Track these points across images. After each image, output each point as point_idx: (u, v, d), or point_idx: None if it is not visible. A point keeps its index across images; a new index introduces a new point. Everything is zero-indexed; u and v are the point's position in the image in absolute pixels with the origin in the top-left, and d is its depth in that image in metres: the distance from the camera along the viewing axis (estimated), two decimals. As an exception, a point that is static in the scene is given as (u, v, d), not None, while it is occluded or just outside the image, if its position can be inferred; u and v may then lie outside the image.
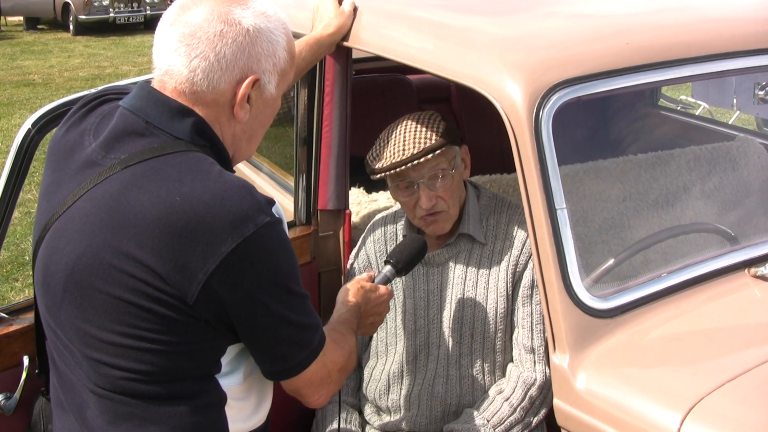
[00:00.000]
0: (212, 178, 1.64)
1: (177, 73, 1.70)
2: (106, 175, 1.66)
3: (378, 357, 2.74)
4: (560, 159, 2.15)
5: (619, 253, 2.39)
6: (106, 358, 1.66)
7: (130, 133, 1.70)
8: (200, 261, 1.58)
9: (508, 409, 2.49)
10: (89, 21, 18.97)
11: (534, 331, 2.53)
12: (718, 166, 2.93)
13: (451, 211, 2.58)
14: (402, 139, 2.50)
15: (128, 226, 1.60)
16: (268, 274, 1.66)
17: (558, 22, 2.61)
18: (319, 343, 1.81)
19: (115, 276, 1.61)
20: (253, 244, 1.61)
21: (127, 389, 1.67)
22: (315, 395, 1.88)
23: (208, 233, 1.58)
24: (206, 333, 1.67)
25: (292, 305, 1.73)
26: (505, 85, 2.18)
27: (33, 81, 13.96)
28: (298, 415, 2.88)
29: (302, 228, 3.00)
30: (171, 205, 1.59)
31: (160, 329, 1.63)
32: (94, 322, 1.65)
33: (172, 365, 1.66)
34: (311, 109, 2.94)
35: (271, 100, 1.80)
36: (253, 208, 1.62)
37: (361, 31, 2.75)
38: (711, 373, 2.00)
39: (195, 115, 1.71)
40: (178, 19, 1.71)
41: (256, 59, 1.72)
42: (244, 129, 1.80)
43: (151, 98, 1.73)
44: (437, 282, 2.63)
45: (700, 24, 2.63)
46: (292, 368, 1.79)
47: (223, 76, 1.70)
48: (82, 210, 1.67)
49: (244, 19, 1.70)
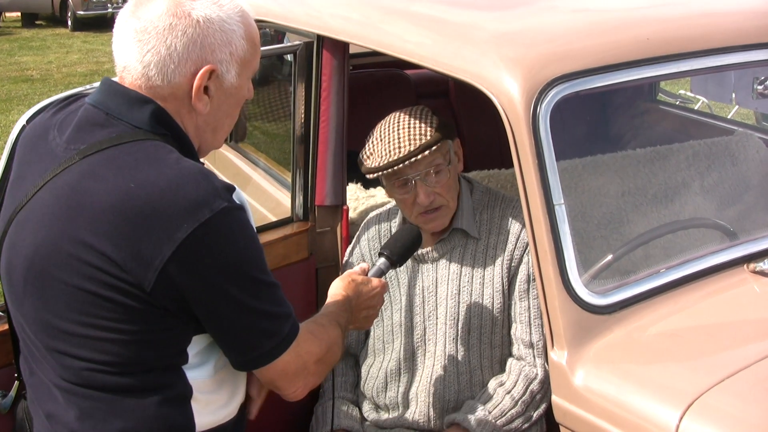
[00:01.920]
0: (168, 165, 1.65)
1: (132, 69, 1.72)
2: (65, 166, 1.68)
3: (375, 355, 2.73)
4: (558, 154, 2.15)
5: (618, 249, 2.38)
6: (68, 349, 1.66)
7: (91, 124, 1.72)
8: (156, 247, 1.58)
9: (509, 401, 2.48)
10: (87, 16, 18.94)
11: (532, 326, 2.52)
12: (717, 161, 2.92)
13: (450, 205, 2.56)
14: (397, 137, 2.48)
15: (84, 215, 1.61)
16: (227, 261, 1.64)
17: (556, 17, 2.60)
18: (289, 333, 1.78)
19: (73, 265, 1.62)
20: (210, 230, 1.60)
21: (91, 381, 1.67)
22: (291, 387, 1.85)
23: (163, 219, 1.59)
24: (166, 321, 1.66)
25: (257, 293, 1.71)
26: (503, 80, 2.18)
27: (31, 77, 13.94)
28: (296, 411, 2.88)
29: (300, 224, 2.99)
30: (126, 192, 1.60)
31: (119, 318, 1.62)
32: (55, 312, 1.66)
33: (134, 355, 1.66)
34: (308, 105, 2.93)
35: (232, 89, 1.79)
36: (209, 193, 1.62)
37: (358, 26, 2.74)
38: (710, 369, 1.99)
39: (153, 104, 1.72)
40: (132, 14, 1.73)
41: (210, 50, 1.72)
42: (206, 120, 1.80)
43: (111, 90, 1.75)
44: (432, 278, 2.62)
45: (699, 18, 2.62)
46: (260, 357, 1.76)
47: (177, 69, 1.71)
48: (41, 201, 1.69)
49: (193, 10, 1.70)
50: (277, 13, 3.15)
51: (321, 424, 2.68)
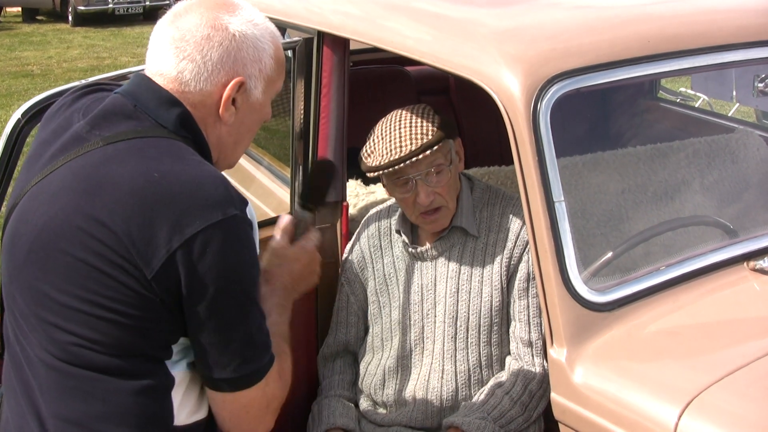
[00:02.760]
0: (191, 164, 1.70)
1: (167, 74, 1.78)
2: (89, 149, 1.71)
3: (374, 352, 2.73)
4: (559, 151, 2.14)
5: (618, 246, 2.37)
6: (60, 322, 1.67)
7: (117, 113, 1.76)
8: (166, 237, 1.61)
9: (508, 402, 2.47)
10: (88, 12, 18.91)
11: (531, 325, 2.52)
12: (718, 158, 2.92)
13: (450, 205, 2.56)
14: (398, 135, 2.47)
15: (103, 194, 1.65)
16: (227, 266, 1.66)
17: (557, 14, 2.60)
18: (265, 366, 1.76)
19: (81, 239, 1.64)
20: (218, 232, 1.63)
21: (76, 357, 1.67)
22: (247, 427, 1.80)
23: (178, 212, 1.62)
24: (161, 313, 1.66)
25: (246, 311, 1.71)
26: (503, 76, 2.17)
27: (31, 72, 13.93)
28: (293, 410, 2.87)
29: (299, 220, 2.98)
30: (148, 180, 1.64)
31: (116, 298, 1.64)
32: (54, 283, 1.67)
33: (123, 338, 1.66)
34: (308, 101, 2.92)
35: (257, 105, 1.86)
36: (225, 198, 1.67)
37: (358, 22, 2.74)
38: (709, 367, 1.99)
39: (182, 107, 1.77)
40: (170, 23, 1.80)
41: (242, 63, 1.79)
42: (230, 131, 1.85)
43: (144, 85, 1.80)
44: (431, 276, 2.62)
45: (700, 15, 2.61)
46: (230, 381, 1.73)
47: (209, 78, 1.77)
48: (60, 176, 1.72)
49: (230, 24, 1.78)
50: (278, 8, 3.15)
51: (318, 423, 2.67)
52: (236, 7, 1.82)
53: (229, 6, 1.81)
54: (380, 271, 2.72)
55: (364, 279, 2.76)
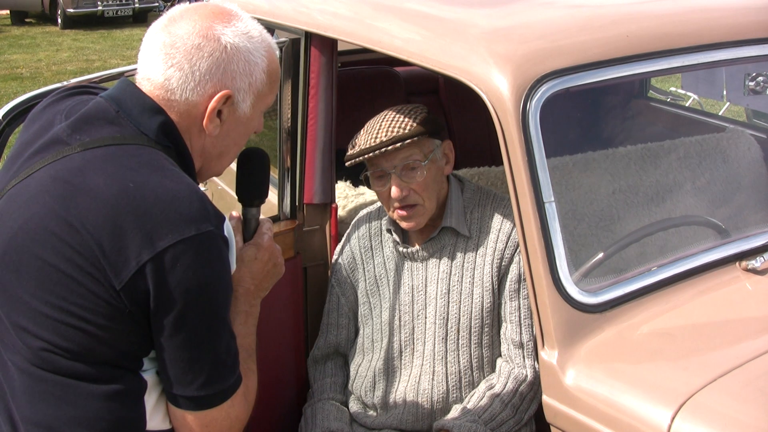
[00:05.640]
0: (169, 176, 1.67)
1: (154, 80, 1.76)
2: (67, 153, 1.70)
3: (364, 353, 2.71)
4: (548, 151, 2.13)
5: (609, 247, 2.36)
6: (30, 326, 1.66)
7: (99, 118, 1.74)
8: (137, 249, 1.60)
9: (499, 405, 2.46)
10: (77, 14, 18.86)
11: (522, 326, 2.50)
12: (709, 158, 2.91)
13: (427, 205, 2.54)
14: (377, 127, 2.50)
15: (78, 201, 1.63)
16: (198, 282, 1.63)
17: (547, 13, 2.59)
18: (231, 387, 1.73)
19: (54, 243, 1.63)
20: (190, 247, 1.61)
21: (47, 362, 1.65)
22: None
23: (151, 224, 1.60)
24: (129, 324, 1.65)
25: (215, 331, 1.68)
26: (492, 76, 2.16)
27: (21, 75, 13.88)
28: (285, 413, 2.86)
29: (286, 222, 2.96)
30: (123, 189, 1.63)
31: (86, 306, 1.62)
32: (26, 287, 1.66)
33: (91, 346, 1.65)
34: (296, 102, 2.91)
35: (244, 118, 1.82)
36: (200, 214, 1.64)
37: (346, 22, 2.72)
38: (702, 369, 1.98)
39: (165, 116, 1.75)
40: (163, 28, 1.78)
41: (231, 76, 1.76)
42: (214, 144, 1.83)
43: (129, 91, 1.78)
44: (421, 277, 2.60)
45: (690, 14, 2.61)
46: (193, 399, 1.70)
47: (196, 88, 1.75)
48: (38, 179, 1.70)
49: (223, 35, 1.75)
50: (265, 9, 3.13)
51: (310, 426, 2.66)
52: (232, 18, 1.79)
53: (225, 16, 1.78)
54: (371, 272, 2.71)
55: (354, 280, 2.75)
